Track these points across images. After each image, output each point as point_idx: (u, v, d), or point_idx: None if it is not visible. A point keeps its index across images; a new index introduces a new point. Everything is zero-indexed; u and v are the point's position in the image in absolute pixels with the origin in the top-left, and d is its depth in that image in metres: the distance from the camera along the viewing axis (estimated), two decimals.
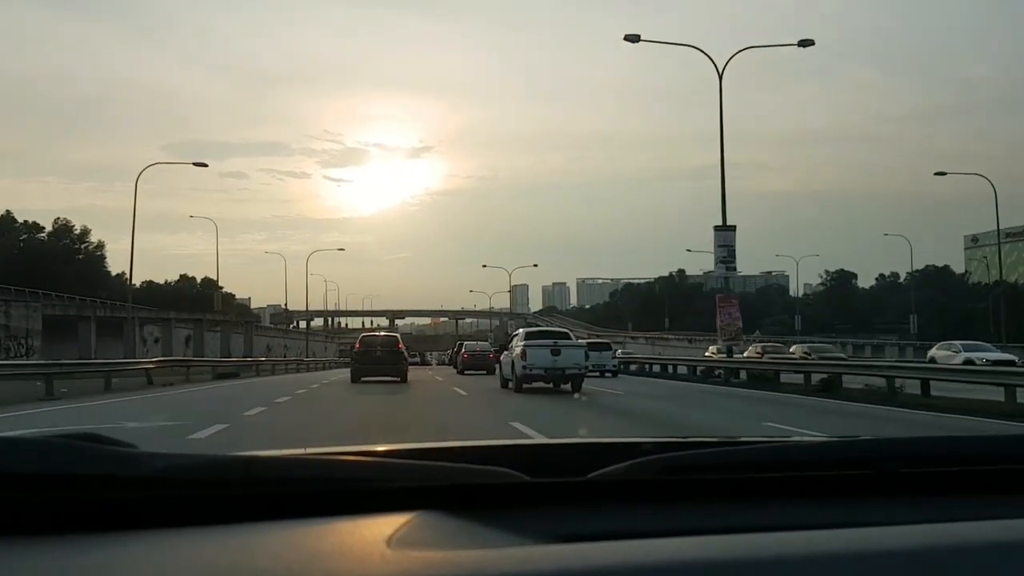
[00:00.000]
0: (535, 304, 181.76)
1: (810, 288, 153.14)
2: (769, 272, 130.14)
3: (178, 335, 61.45)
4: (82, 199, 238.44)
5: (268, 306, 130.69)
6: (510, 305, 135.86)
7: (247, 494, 1.03)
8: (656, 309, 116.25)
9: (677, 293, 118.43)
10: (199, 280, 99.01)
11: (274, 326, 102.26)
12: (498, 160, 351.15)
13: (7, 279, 51.59)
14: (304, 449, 1.37)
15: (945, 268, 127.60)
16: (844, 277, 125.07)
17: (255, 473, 1.06)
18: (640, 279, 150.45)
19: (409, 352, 30.96)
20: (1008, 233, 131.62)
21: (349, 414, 14.51)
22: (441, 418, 14.09)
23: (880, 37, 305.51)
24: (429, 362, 78.72)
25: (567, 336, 22.29)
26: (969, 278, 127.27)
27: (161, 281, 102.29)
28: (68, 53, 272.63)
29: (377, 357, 26.41)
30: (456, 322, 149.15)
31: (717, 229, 28.29)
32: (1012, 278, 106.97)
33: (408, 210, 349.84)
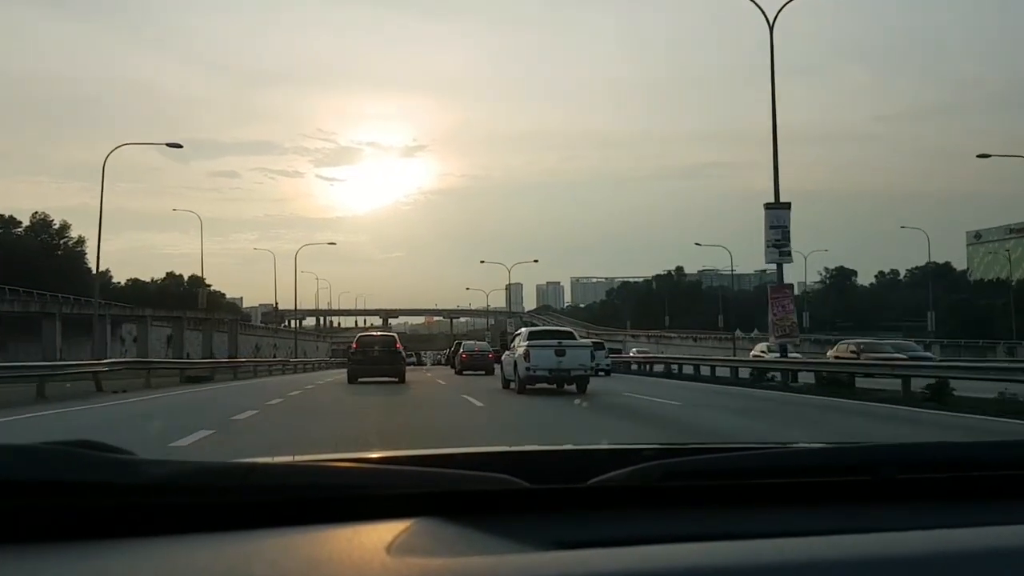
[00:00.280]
0: (529, 303, 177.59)
1: (804, 286, 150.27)
2: (764, 271, 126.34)
3: (159, 334, 56.84)
4: (74, 199, 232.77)
5: (260, 305, 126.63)
6: (506, 304, 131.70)
7: (245, 501, 1.02)
8: (655, 307, 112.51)
9: (676, 291, 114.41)
10: (186, 278, 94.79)
11: (264, 325, 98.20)
12: (492, 159, 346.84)
13: None
14: (303, 456, 1.31)
15: (946, 265, 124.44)
16: (844, 274, 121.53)
17: (253, 480, 1.05)
18: (634, 278, 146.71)
19: (406, 352, 29.64)
20: (1011, 229, 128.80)
21: (333, 439, 10.01)
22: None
23: (874, 35, 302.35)
24: (424, 362, 74.78)
25: (571, 336, 20.95)
26: (971, 275, 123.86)
27: (147, 279, 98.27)
28: (59, 52, 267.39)
29: (375, 357, 25.45)
30: (451, 321, 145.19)
31: (769, 207, 23.93)
32: (1017, 275, 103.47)
33: (401, 209, 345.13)
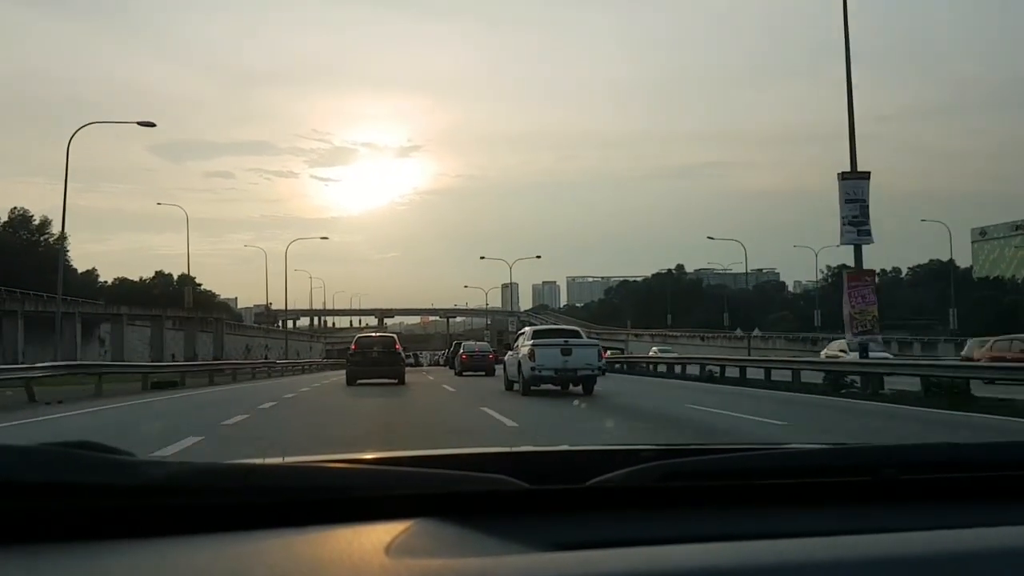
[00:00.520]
0: (525, 303, 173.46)
1: (800, 285, 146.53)
2: (760, 270, 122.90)
3: (142, 335, 52.36)
4: (69, 199, 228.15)
5: (254, 306, 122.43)
6: (502, 303, 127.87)
7: (245, 502, 1.01)
8: (655, 306, 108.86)
9: (677, 290, 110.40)
10: (176, 277, 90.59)
11: (257, 325, 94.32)
12: (488, 159, 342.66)
13: None
14: (301, 457, 1.29)
15: (951, 262, 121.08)
16: (842, 274, 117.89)
17: (253, 481, 1.05)
18: (630, 277, 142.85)
19: (404, 352, 28.50)
20: (1017, 225, 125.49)
21: None
22: None
23: (868, 35, 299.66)
24: (421, 363, 70.75)
25: (578, 334, 20.15)
26: (977, 272, 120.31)
27: (135, 278, 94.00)
28: (54, 53, 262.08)
29: (374, 358, 24.79)
30: (447, 321, 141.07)
31: (845, 177, 19.75)
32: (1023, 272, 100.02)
33: (397, 209, 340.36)
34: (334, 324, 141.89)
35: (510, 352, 21.41)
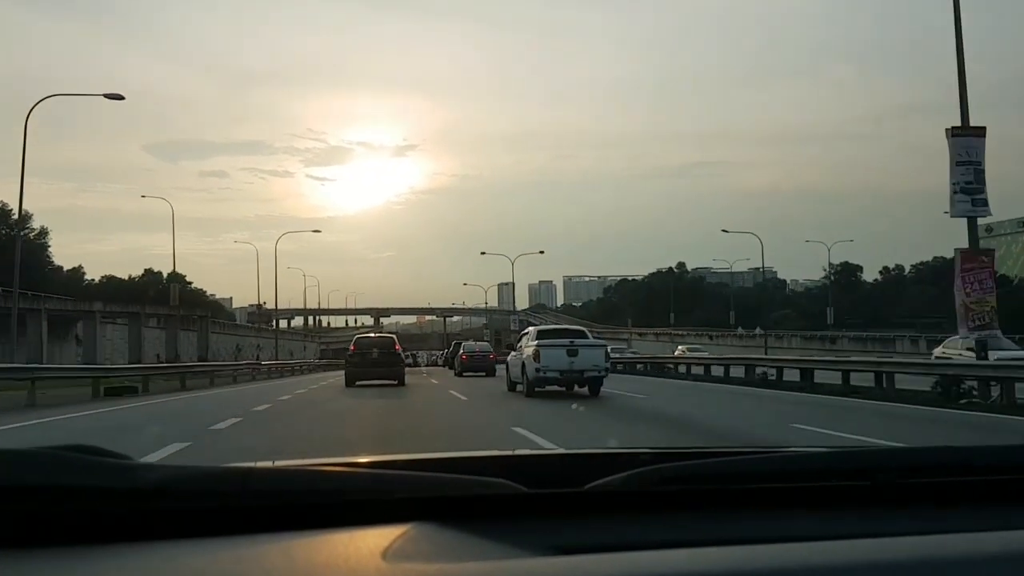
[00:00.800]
0: (521, 302, 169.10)
1: (798, 284, 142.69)
2: (757, 268, 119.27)
3: (123, 334, 48.12)
4: (63, 200, 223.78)
5: (249, 306, 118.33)
6: (499, 302, 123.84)
7: (242, 506, 1.00)
8: (656, 304, 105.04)
9: (678, 288, 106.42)
10: (165, 275, 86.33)
11: (251, 325, 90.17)
12: (483, 159, 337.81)
13: None
14: (300, 461, 1.28)
15: (953, 260, 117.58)
16: (849, 270, 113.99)
17: (251, 485, 1.04)
18: (626, 276, 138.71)
19: (403, 352, 27.17)
20: (1022, 222, 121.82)
21: None
22: None
23: (861, 35, 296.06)
24: (419, 363, 66.74)
25: (584, 334, 19.32)
26: None
27: (124, 276, 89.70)
28: (47, 53, 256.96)
29: (373, 359, 24.08)
30: (444, 320, 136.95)
31: (955, 134, 15.76)
32: None
33: (393, 209, 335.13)
34: (329, 324, 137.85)
35: (513, 352, 20.64)
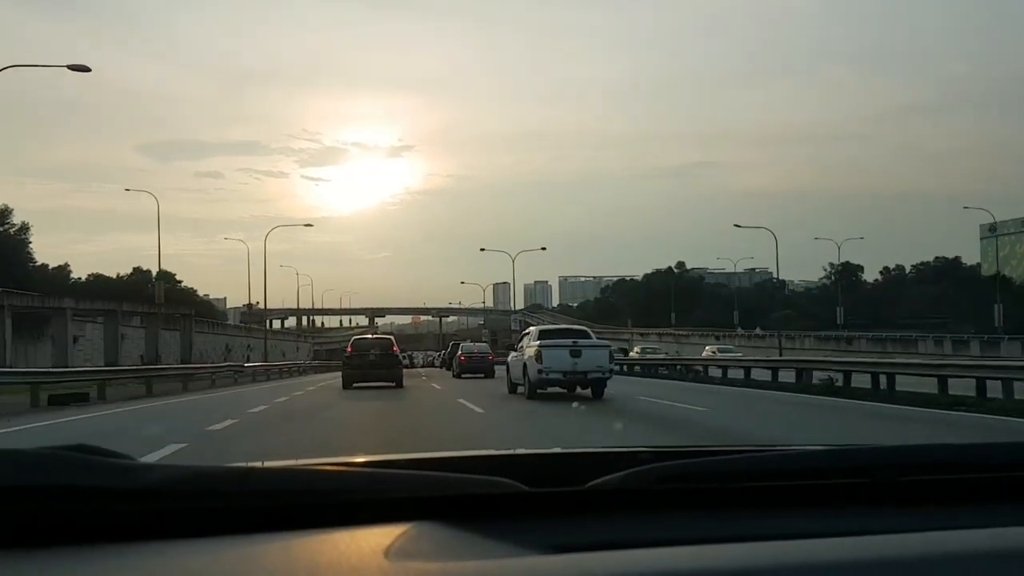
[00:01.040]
0: (517, 302, 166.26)
1: (795, 284, 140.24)
2: (752, 269, 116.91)
3: (100, 333, 44.97)
4: (58, 200, 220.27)
5: (243, 306, 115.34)
6: (494, 302, 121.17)
7: (243, 506, 0.99)
8: (655, 304, 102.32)
9: (677, 288, 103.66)
10: (154, 274, 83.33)
11: (244, 325, 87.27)
12: (479, 159, 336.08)
13: None
14: (300, 460, 1.27)
15: (956, 260, 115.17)
16: (849, 270, 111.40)
17: (250, 484, 1.03)
18: (621, 276, 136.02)
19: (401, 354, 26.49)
20: None
21: None
22: None
23: (857, 35, 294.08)
24: (415, 364, 63.92)
25: (587, 335, 18.57)
26: (983, 270, 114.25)
27: (112, 275, 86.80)
28: (41, 52, 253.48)
29: (371, 361, 23.67)
30: (440, 320, 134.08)
31: None
32: None
33: (388, 209, 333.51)
34: (323, 324, 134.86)
35: (514, 353, 19.95)
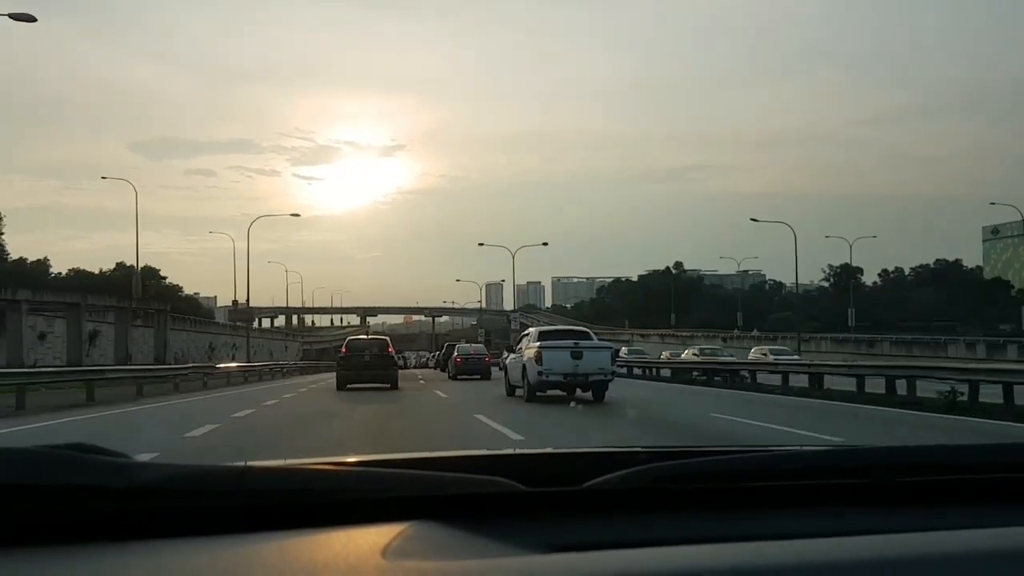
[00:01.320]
0: (510, 302, 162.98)
1: (787, 288, 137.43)
2: (745, 271, 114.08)
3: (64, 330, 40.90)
4: (48, 197, 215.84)
5: (232, 303, 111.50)
6: (486, 303, 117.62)
7: (240, 505, 0.99)
8: (653, 305, 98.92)
9: (676, 289, 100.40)
10: (139, 269, 79.49)
11: (231, 323, 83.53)
12: (471, 160, 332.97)
13: None
14: (297, 460, 1.25)
15: (957, 262, 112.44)
16: (849, 272, 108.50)
17: (248, 484, 1.02)
18: (620, 277, 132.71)
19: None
20: None
21: None
22: None
23: (854, 38, 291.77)
24: (409, 364, 60.54)
25: (588, 336, 17.83)
26: (986, 272, 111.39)
27: (95, 270, 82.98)
28: (34, 50, 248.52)
29: (366, 362, 23.00)
30: (433, 320, 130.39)
31: None
32: None
33: (380, 209, 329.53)
34: (313, 323, 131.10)
35: (512, 355, 19.39)
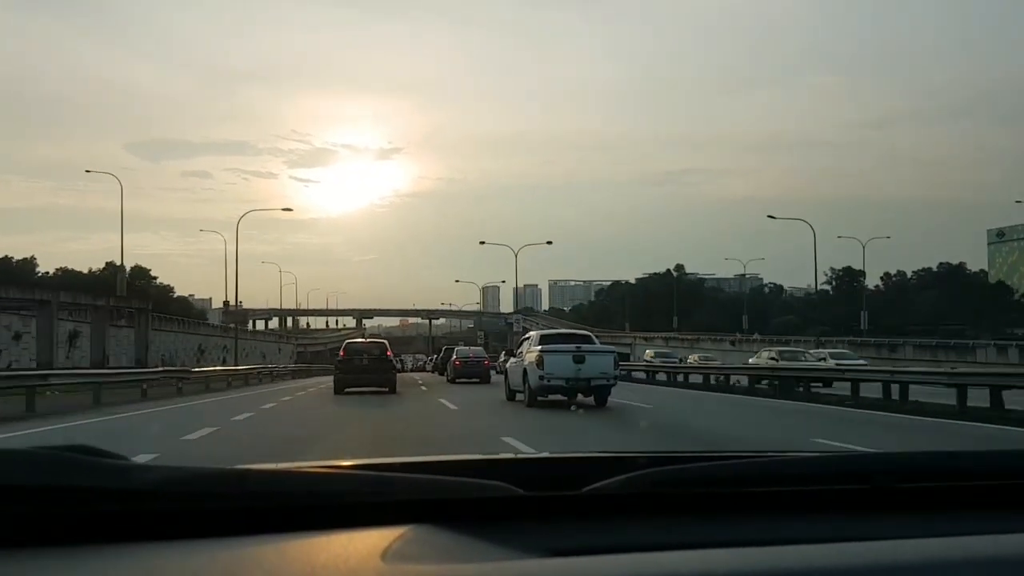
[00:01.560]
0: (506, 305, 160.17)
1: (787, 291, 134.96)
2: (743, 275, 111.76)
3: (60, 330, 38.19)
4: (43, 198, 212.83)
5: (224, 304, 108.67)
6: (484, 305, 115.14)
7: (240, 507, 0.98)
8: (653, 307, 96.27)
9: (677, 291, 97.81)
10: (129, 269, 76.69)
11: (223, 324, 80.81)
12: (467, 163, 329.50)
13: None
14: (297, 463, 1.24)
15: (960, 265, 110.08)
16: (851, 275, 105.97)
17: (248, 486, 1.02)
18: (619, 280, 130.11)
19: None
20: None
21: None
22: None
23: (842, 43, 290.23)
24: (406, 367, 57.96)
25: (590, 339, 17.49)
26: (991, 275, 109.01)
27: (84, 270, 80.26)
28: (30, 51, 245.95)
29: (364, 366, 22.67)
30: (429, 322, 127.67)
31: None
32: None
33: (376, 211, 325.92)
34: (308, 325, 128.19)
35: (513, 359, 19.26)
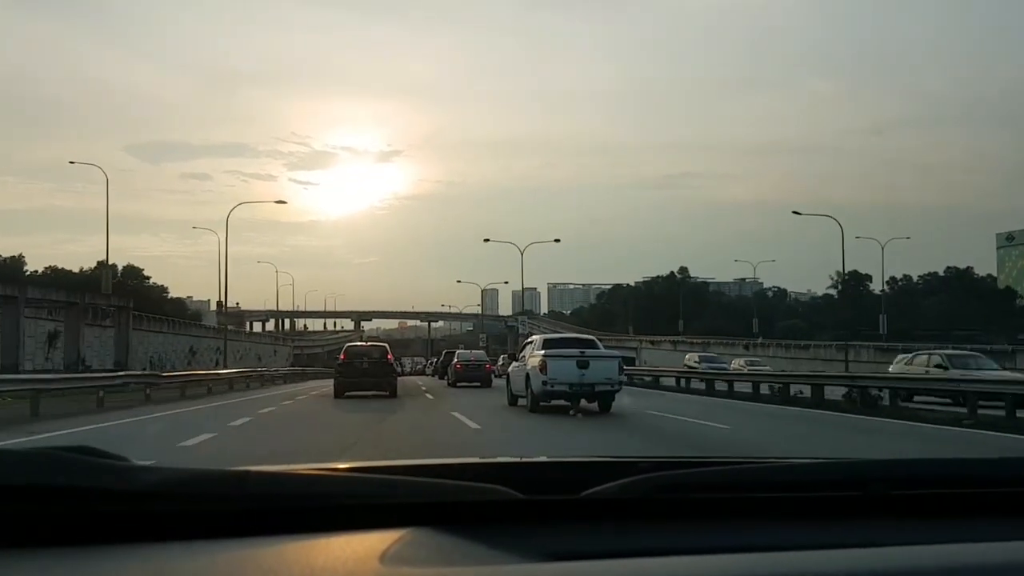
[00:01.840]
0: (505, 308, 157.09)
1: (791, 295, 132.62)
2: (743, 279, 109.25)
3: (37, 330, 35.20)
4: (42, 199, 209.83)
5: (217, 304, 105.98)
6: (482, 308, 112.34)
7: (240, 509, 0.98)
8: (660, 311, 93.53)
9: (685, 294, 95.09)
10: (120, 268, 74.02)
11: (218, 325, 78.12)
12: (467, 166, 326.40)
13: None
14: (297, 464, 1.24)
15: (968, 270, 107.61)
16: (858, 279, 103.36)
17: (248, 488, 1.01)
18: (615, 284, 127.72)
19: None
20: None
21: None
22: None
23: (849, 47, 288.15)
24: (405, 370, 55.42)
25: (594, 344, 17.16)
26: (1000, 280, 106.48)
27: (75, 269, 77.43)
28: (28, 52, 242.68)
29: (364, 369, 22.34)
30: (428, 325, 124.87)
31: None
32: None
33: (376, 214, 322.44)
34: (306, 327, 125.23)
35: (515, 363, 18.31)
